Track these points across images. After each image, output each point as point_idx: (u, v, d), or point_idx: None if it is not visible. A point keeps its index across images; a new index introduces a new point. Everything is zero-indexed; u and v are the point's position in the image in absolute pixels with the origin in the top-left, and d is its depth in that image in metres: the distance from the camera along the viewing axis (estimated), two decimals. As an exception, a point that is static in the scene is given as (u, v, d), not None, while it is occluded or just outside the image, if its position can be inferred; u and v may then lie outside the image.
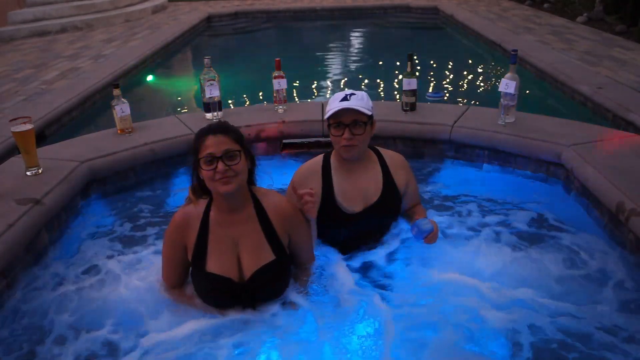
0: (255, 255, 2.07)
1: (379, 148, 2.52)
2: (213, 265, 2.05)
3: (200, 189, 2.10)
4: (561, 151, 3.14)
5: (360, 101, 2.24)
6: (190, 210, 2.12)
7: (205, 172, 1.95)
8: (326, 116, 2.28)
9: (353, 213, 2.36)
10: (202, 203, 2.12)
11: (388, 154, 2.50)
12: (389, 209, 2.45)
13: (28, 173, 2.99)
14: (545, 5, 10.16)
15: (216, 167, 1.92)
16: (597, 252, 2.58)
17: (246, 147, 2.05)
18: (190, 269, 2.16)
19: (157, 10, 11.52)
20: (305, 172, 2.44)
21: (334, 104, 2.25)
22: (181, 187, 3.47)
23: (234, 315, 2.06)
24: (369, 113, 2.26)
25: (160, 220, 3.06)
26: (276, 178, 3.56)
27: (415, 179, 2.57)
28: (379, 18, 11.08)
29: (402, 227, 2.50)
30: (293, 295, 2.17)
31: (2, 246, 2.35)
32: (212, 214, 2.09)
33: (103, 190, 3.29)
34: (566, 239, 2.70)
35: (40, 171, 3.00)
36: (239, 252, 2.07)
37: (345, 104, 2.21)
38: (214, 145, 1.94)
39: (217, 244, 2.07)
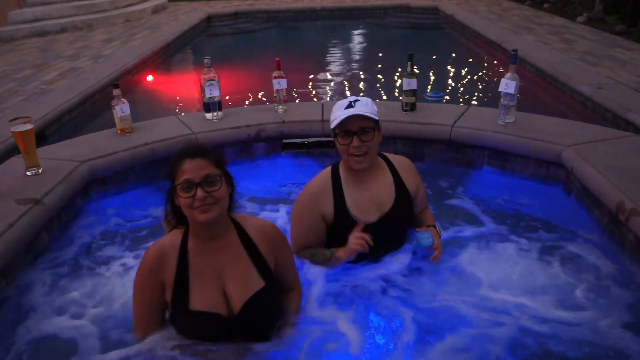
0: (243, 284, 1.87)
1: (385, 153, 2.46)
2: (197, 301, 1.83)
3: (175, 218, 1.91)
4: (561, 151, 3.14)
5: (365, 107, 2.18)
6: (164, 244, 1.89)
7: (182, 200, 1.77)
8: (332, 125, 2.22)
9: (369, 223, 2.28)
10: (178, 233, 1.90)
11: (395, 159, 2.45)
12: (404, 215, 2.39)
13: (28, 173, 2.99)
14: (545, 5, 10.15)
15: (195, 194, 1.74)
16: (597, 252, 2.58)
17: (227, 170, 1.90)
18: (170, 310, 1.90)
19: (157, 10, 11.52)
20: (315, 188, 2.34)
21: (339, 112, 2.19)
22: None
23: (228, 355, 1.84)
24: (376, 118, 2.20)
25: (159, 221, 3.06)
26: (276, 178, 3.56)
27: (423, 182, 2.52)
28: (379, 18, 11.08)
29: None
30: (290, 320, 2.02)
31: (2, 246, 2.36)
32: (190, 244, 1.87)
33: (103, 190, 3.29)
34: (566, 239, 2.70)
35: (40, 171, 3.00)
36: (224, 283, 1.86)
37: (350, 111, 2.15)
38: (192, 170, 1.76)
39: (199, 278, 1.85)
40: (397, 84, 5.98)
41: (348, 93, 6.08)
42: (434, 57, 7.27)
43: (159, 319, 1.92)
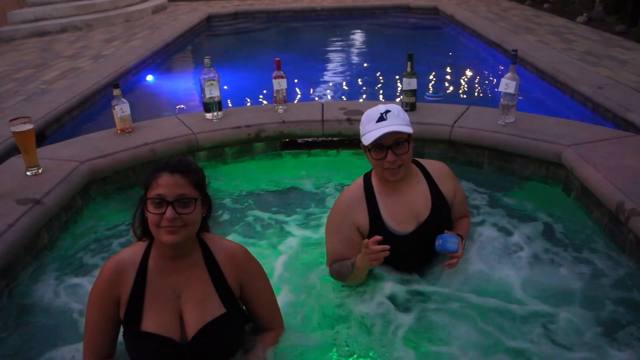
0: (201, 309, 1.73)
1: (418, 159, 2.35)
2: (150, 323, 1.70)
3: (142, 230, 1.76)
4: (561, 151, 3.14)
5: (397, 118, 2.07)
6: (123, 258, 1.76)
7: (150, 215, 1.64)
8: (364, 142, 2.12)
9: (406, 234, 2.19)
10: (140, 247, 1.78)
11: (430, 164, 2.35)
12: (441, 223, 2.25)
13: (28, 173, 2.99)
14: (545, 5, 10.15)
15: (164, 212, 1.61)
16: (597, 252, 2.58)
17: (206, 193, 1.76)
18: (122, 329, 1.76)
19: (157, 10, 11.51)
20: (348, 199, 2.26)
21: (370, 126, 2.08)
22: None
23: None
24: (410, 130, 2.09)
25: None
26: (276, 179, 3.56)
27: (461, 187, 2.42)
28: (379, 18, 11.08)
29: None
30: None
31: (2, 246, 2.36)
32: (151, 261, 1.74)
33: (103, 190, 3.29)
34: (566, 239, 2.70)
35: (40, 171, 3.00)
36: (181, 306, 1.73)
37: (384, 127, 2.04)
38: (167, 185, 1.62)
39: (155, 297, 1.72)
40: (397, 84, 5.98)
41: (348, 93, 6.08)
42: (434, 57, 7.27)
43: (111, 340, 1.76)
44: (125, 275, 1.73)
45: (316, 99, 5.79)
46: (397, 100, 4.08)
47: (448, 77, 6.54)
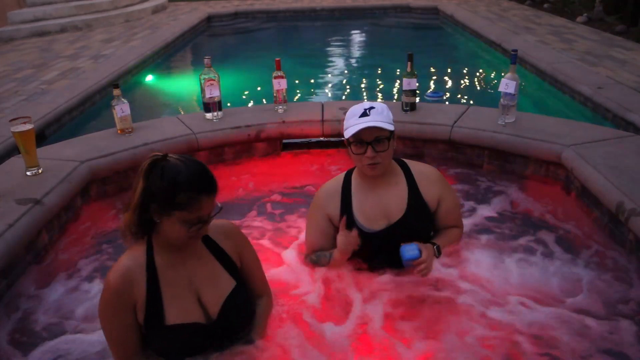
0: (216, 286, 1.83)
1: (407, 161, 2.36)
2: (173, 315, 1.74)
3: (136, 232, 1.74)
4: (561, 151, 3.14)
5: (380, 115, 2.11)
6: (127, 264, 1.75)
7: (182, 231, 1.67)
8: (345, 135, 2.16)
9: (373, 232, 2.21)
10: (139, 250, 1.78)
11: (417, 167, 2.34)
12: (415, 228, 2.25)
13: (28, 173, 2.99)
14: (545, 5, 10.15)
15: (199, 228, 1.70)
16: (597, 252, 2.58)
17: None
18: (144, 331, 1.78)
19: (157, 10, 11.52)
20: (324, 192, 2.34)
21: (352, 121, 2.13)
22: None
23: None
24: (391, 128, 2.13)
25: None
26: (276, 179, 3.56)
27: (453, 197, 2.38)
28: (379, 18, 11.08)
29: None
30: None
31: (2, 246, 2.35)
32: (156, 257, 1.77)
33: (103, 190, 3.29)
34: (566, 239, 2.70)
35: (40, 171, 3.00)
36: (197, 290, 1.80)
37: (365, 122, 2.08)
38: (207, 207, 1.69)
39: (171, 289, 1.76)
40: (397, 84, 5.98)
41: (348, 93, 6.08)
42: (434, 57, 7.27)
43: (138, 343, 1.78)
44: (136, 280, 1.73)
45: (315, 99, 5.79)
46: (398, 100, 4.08)
47: (448, 77, 6.54)
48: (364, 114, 2.12)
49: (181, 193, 1.64)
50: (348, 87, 6.34)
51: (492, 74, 6.54)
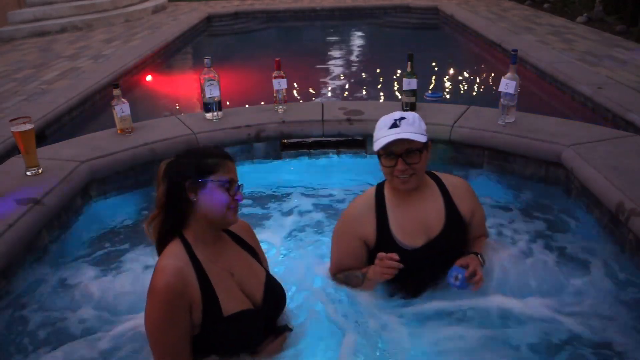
0: (254, 275, 1.92)
1: (437, 173, 2.27)
2: (228, 306, 1.76)
3: (165, 223, 1.78)
4: (561, 151, 3.14)
5: (411, 126, 2.00)
6: (177, 264, 1.72)
7: (225, 197, 1.74)
8: (375, 147, 2.06)
9: (414, 249, 2.09)
10: (177, 248, 1.77)
11: (448, 179, 2.25)
12: (454, 242, 2.16)
13: (28, 173, 2.99)
14: (545, 5, 10.15)
15: (236, 194, 1.78)
16: (597, 252, 2.58)
17: None
18: (197, 330, 1.75)
19: (157, 10, 11.51)
20: (357, 210, 2.20)
21: (382, 132, 2.03)
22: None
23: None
24: (424, 139, 2.03)
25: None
26: (276, 179, 3.56)
27: (481, 207, 2.31)
28: (379, 18, 11.08)
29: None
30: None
31: (2, 246, 2.36)
32: (198, 254, 1.78)
33: (103, 190, 3.29)
34: (566, 240, 2.70)
35: (40, 171, 3.00)
36: (238, 281, 1.86)
37: (395, 134, 1.98)
38: (234, 170, 1.80)
39: (220, 283, 1.79)
40: (397, 84, 5.98)
41: (348, 93, 6.08)
42: (434, 57, 7.27)
43: (190, 350, 1.74)
44: (187, 278, 1.72)
45: (315, 99, 5.79)
46: (398, 100, 4.08)
47: (448, 77, 6.54)
48: (394, 125, 2.01)
49: (208, 159, 1.76)
50: (348, 87, 6.34)
51: (492, 74, 6.54)
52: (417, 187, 2.11)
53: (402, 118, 2.02)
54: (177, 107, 5.52)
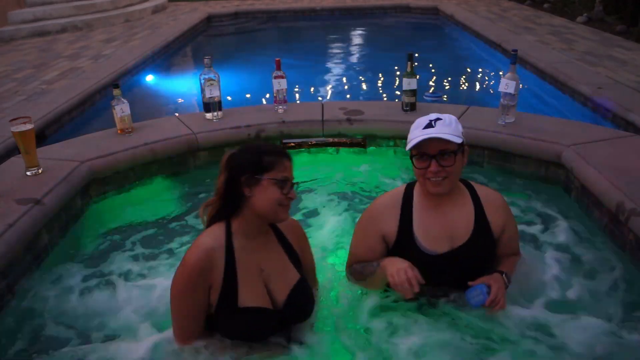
0: (283, 278, 1.92)
1: (473, 183, 2.17)
2: (246, 298, 1.83)
3: (219, 209, 1.87)
4: (561, 151, 3.14)
5: (447, 127, 1.92)
6: (209, 245, 1.83)
7: (276, 195, 1.79)
8: (407, 147, 1.97)
9: (435, 254, 2.02)
10: (219, 231, 1.87)
11: (483, 191, 2.15)
12: (479, 254, 2.05)
13: (28, 173, 2.99)
14: (545, 5, 10.15)
15: (289, 192, 1.82)
16: (597, 252, 2.58)
17: None
18: (213, 311, 1.85)
19: (157, 10, 11.52)
20: (382, 205, 2.15)
21: (416, 132, 1.95)
22: (181, 188, 3.47)
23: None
24: (459, 141, 1.93)
25: (159, 221, 3.06)
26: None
27: (515, 224, 2.21)
28: (379, 18, 11.08)
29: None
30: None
31: (2, 246, 2.35)
32: (235, 242, 1.86)
33: (103, 190, 3.29)
34: (566, 240, 2.70)
35: (40, 171, 3.00)
36: (266, 279, 1.89)
37: (429, 133, 1.90)
38: (290, 169, 1.84)
39: (245, 275, 1.85)
40: (397, 84, 5.98)
41: (348, 93, 6.08)
42: (434, 57, 7.27)
43: (202, 322, 1.87)
44: (216, 260, 1.82)
45: (318, 98, 5.79)
46: (397, 100, 4.08)
47: (448, 77, 6.54)
48: (429, 125, 1.93)
49: (265, 156, 1.81)
50: (348, 87, 6.34)
51: (492, 74, 6.54)
52: (449, 192, 2.02)
53: (438, 119, 1.95)
54: (177, 107, 5.51)
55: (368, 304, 2.12)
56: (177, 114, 4.20)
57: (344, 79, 6.69)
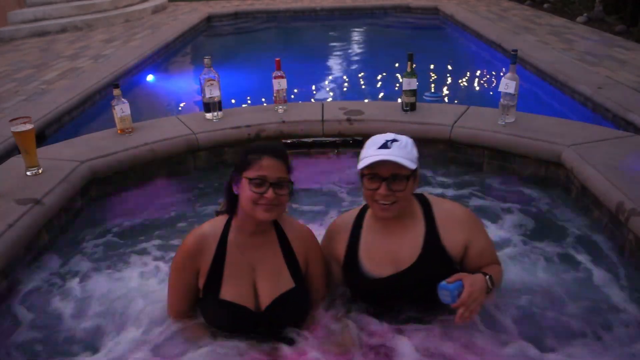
0: (274, 282, 1.90)
1: (432, 198, 2.06)
2: (228, 292, 1.87)
3: (228, 205, 1.92)
4: (561, 151, 3.14)
5: (402, 150, 1.86)
6: (205, 232, 1.92)
7: (249, 194, 1.78)
8: (359, 165, 1.90)
9: (378, 278, 1.97)
10: (220, 222, 1.94)
11: (442, 206, 2.03)
12: (428, 276, 1.91)
13: (28, 173, 2.99)
14: (545, 5, 10.15)
15: (265, 192, 1.77)
16: (597, 252, 2.58)
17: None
18: (201, 296, 1.94)
19: (157, 10, 11.51)
20: (334, 227, 2.14)
21: (370, 151, 1.88)
22: (181, 187, 3.47)
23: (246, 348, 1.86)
24: (413, 167, 1.87)
25: (160, 221, 3.06)
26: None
27: (485, 236, 2.06)
28: (379, 18, 11.08)
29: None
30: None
31: (2, 246, 2.36)
32: (230, 235, 1.91)
33: (103, 190, 3.29)
34: (566, 240, 2.70)
35: (40, 171, 3.00)
36: (256, 279, 1.90)
37: (383, 154, 1.84)
38: (270, 168, 1.78)
39: (233, 269, 1.88)
40: (397, 84, 5.98)
41: (348, 93, 6.08)
42: (434, 57, 7.27)
43: (191, 302, 1.97)
44: (207, 248, 1.89)
45: (317, 98, 5.79)
46: (398, 100, 4.08)
47: (448, 77, 6.54)
48: (384, 145, 1.87)
49: (249, 155, 1.83)
50: (348, 87, 6.34)
51: (492, 74, 6.54)
52: (397, 215, 1.95)
53: (395, 140, 1.89)
54: (177, 107, 5.51)
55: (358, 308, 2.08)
56: (177, 114, 4.21)
57: (344, 79, 6.69)
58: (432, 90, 5.79)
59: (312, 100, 5.67)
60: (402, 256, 1.97)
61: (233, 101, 5.42)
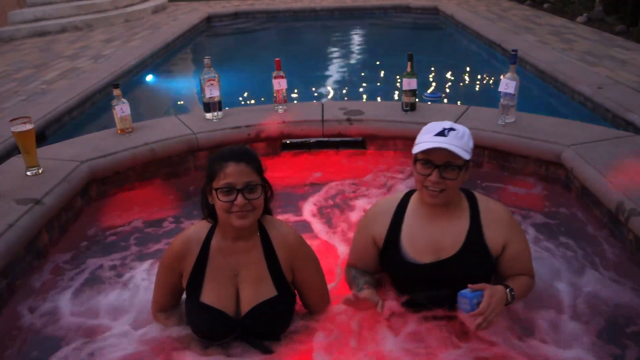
0: (255, 289, 1.88)
1: (478, 195, 2.08)
2: (208, 296, 1.87)
3: (208, 215, 1.91)
4: (561, 151, 3.14)
5: (459, 140, 1.88)
6: (190, 236, 1.93)
7: (220, 203, 1.76)
8: (414, 150, 1.92)
9: (418, 264, 1.99)
10: (205, 227, 1.93)
11: (486, 204, 2.05)
12: (468, 270, 1.95)
13: (28, 173, 2.99)
14: (545, 5, 10.15)
15: (235, 199, 1.74)
16: (597, 252, 2.58)
17: (264, 177, 1.84)
18: (184, 296, 1.98)
19: (157, 10, 11.51)
20: (376, 208, 2.16)
21: (426, 137, 1.90)
22: (181, 188, 3.47)
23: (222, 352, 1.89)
24: (467, 157, 1.90)
25: (160, 221, 3.06)
26: (276, 178, 3.56)
27: (523, 242, 2.07)
28: (379, 18, 11.08)
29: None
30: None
31: (2, 246, 2.36)
32: (214, 240, 1.90)
33: (103, 190, 3.29)
34: (566, 240, 2.70)
35: (40, 171, 3.01)
36: (238, 284, 1.89)
37: (440, 142, 1.86)
38: (234, 174, 1.73)
39: (215, 273, 1.88)
40: (397, 84, 5.98)
41: (348, 93, 6.08)
42: (434, 57, 7.27)
43: (174, 299, 2.03)
44: (190, 252, 1.91)
45: (316, 98, 5.79)
46: (398, 100, 4.08)
47: (448, 77, 6.54)
48: (442, 133, 1.88)
49: (212, 165, 1.79)
50: (348, 87, 6.34)
51: (492, 74, 6.54)
52: (445, 204, 1.98)
53: (452, 129, 1.90)
54: (177, 107, 5.51)
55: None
56: (177, 114, 4.21)
57: (344, 79, 6.69)
58: (432, 90, 5.79)
59: (313, 100, 5.67)
60: (444, 245, 1.99)
61: (229, 100, 5.42)
